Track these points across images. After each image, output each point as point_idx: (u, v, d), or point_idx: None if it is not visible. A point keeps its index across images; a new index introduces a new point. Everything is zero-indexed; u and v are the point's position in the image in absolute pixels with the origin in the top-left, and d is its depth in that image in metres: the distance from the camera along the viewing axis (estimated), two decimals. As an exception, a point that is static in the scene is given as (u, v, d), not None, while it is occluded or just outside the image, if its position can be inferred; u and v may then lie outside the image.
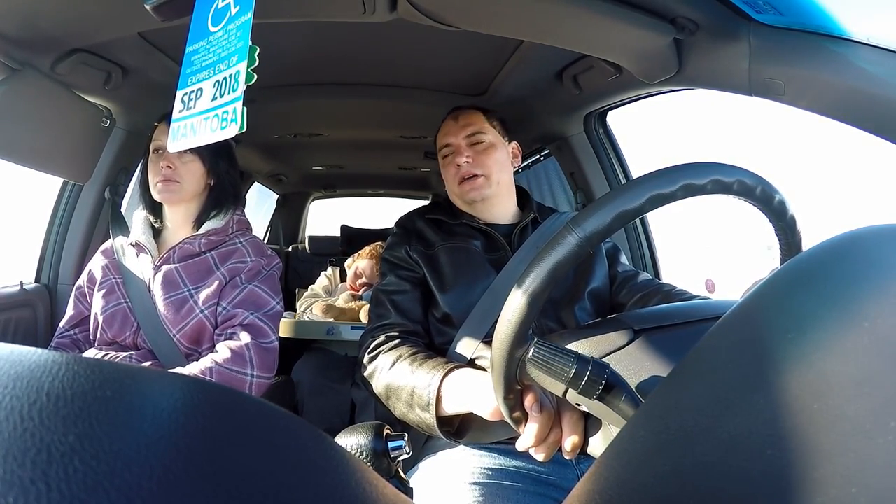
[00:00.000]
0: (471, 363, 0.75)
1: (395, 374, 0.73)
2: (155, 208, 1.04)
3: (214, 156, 1.01)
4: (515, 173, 1.01)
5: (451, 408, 0.64)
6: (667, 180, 0.39)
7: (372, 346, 0.81)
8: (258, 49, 0.52)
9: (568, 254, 0.39)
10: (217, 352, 0.90)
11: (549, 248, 0.40)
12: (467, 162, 0.89)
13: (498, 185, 0.92)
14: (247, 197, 2.40)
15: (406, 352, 0.76)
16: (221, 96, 0.54)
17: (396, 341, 0.80)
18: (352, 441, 0.45)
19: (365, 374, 0.80)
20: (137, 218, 1.05)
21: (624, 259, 0.97)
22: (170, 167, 0.96)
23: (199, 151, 0.98)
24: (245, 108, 0.51)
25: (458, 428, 0.69)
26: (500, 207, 0.95)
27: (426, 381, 0.66)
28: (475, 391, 0.60)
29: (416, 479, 0.75)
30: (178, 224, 1.02)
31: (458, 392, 0.64)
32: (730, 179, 0.41)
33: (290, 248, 2.65)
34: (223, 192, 1.04)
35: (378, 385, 0.76)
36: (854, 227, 0.25)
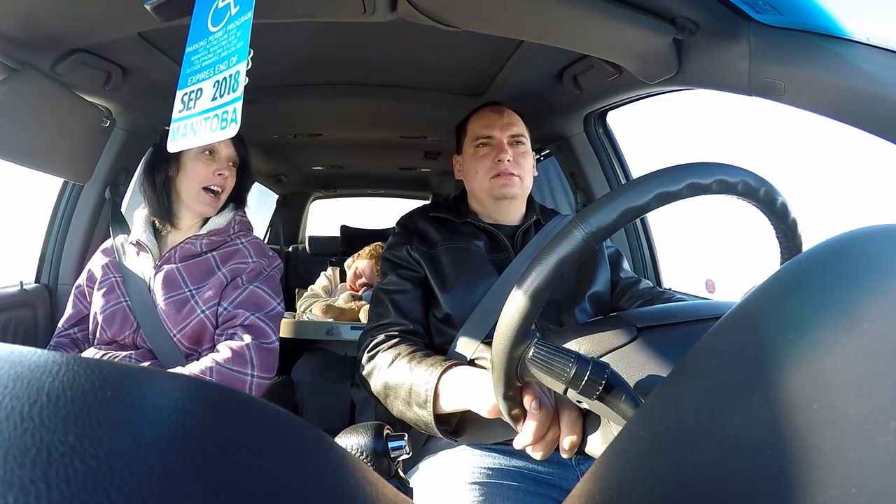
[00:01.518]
0: (470, 363, 0.75)
1: (393, 371, 0.73)
2: (169, 211, 1.00)
3: (246, 165, 1.03)
4: None
5: (448, 405, 0.64)
6: (673, 179, 0.40)
7: (371, 345, 0.81)
8: (251, 52, 0.52)
9: (573, 249, 0.39)
10: (218, 351, 0.90)
11: (554, 244, 0.40)
12: (510, 161, 0.90)
13: (526, 189, 0.94)
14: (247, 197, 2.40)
15: (405, 350, 0.76)
16: (221, 96, 0.54)
17: (395, 340, 0.80)
18: (352, 441, 0.45)
19: (364, 372, 0.80)
20: (138, 217, 1.05)
21: (626, 265, 0.97)
22: (221, 174, 0.97)
23: (242, 159, 1.01)
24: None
25: (456, 426, 0.69)
26: (514, 210, 0.95)
27: (424, 378, 0.66)
28: (473, 388, 0.60)
29: (416, 479, 0.75)
30: (187, 226, 1.02)
31: (455, 389, 0.64)
32: (734, 180, 0.41)
33: (290, 249, 2.65)
34: (233, 195, 1.04)
35: (376, 383, 0.76)
36: (854, 227, 0.25)
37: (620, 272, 0.94)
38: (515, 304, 0.40)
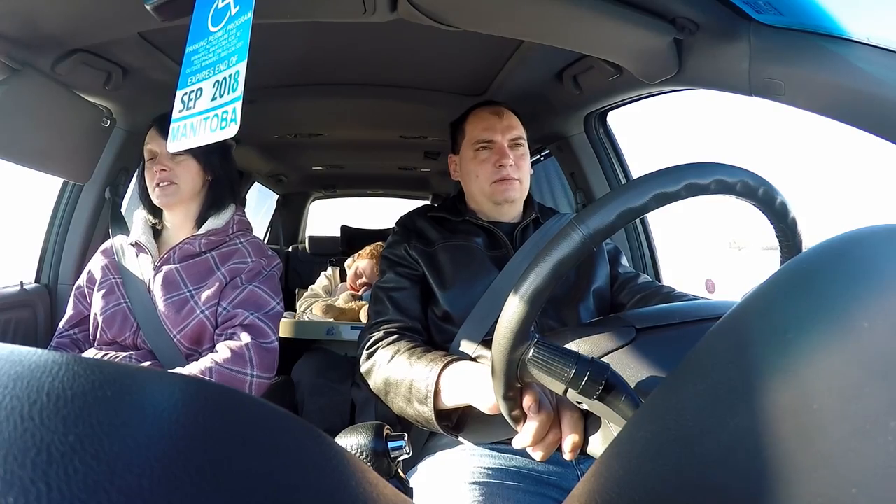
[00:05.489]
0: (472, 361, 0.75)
1: (392, 368, 0.73)
2: (155, 210, 1.04)
3: (208, 153, 1.00)
4: None
5: (449, 400, 0.64)
6: (671, 179, 0.39)
7: (370, 342, 0.81)
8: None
9: (571, 251, 0.39)
10: (217, 352, 0.90)
11: (552, 246, 0.40)
12: (512, 165, 0.89)
13: (525, 190, 0.94)
14: (247, 197, 2.40)
15: (404, 346, 0.76)
16: (221, 96, 0.54)
17: (394, 336, 0.80)
18: (352, 441, 0.45)
19: (363, 370, 0.80)
20: (137, 218, 1.05)
21: (625, 260, 0.97)
22: (164, 169, 0.96)
23: (192, 149, 0.98)
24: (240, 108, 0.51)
25: (457, 422, 0.69)
26: (513, 211, 0.95)
27: (424, 373, 0.66)
28: (474, 384, 0.60)
29: (416, 479, 0.75)
30: (179, 224, 1.02)
31: (456, 384, 0.64)
32: (733, 180, 0.41)
33: (290, 249, 2.65)
34: (221, 189, 1.03)
35: (376, 380, 0.76)
36: (854, 227, 0.25)
37: (619, 267, 0.94)
38: (514, 307, 0.40)
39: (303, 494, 0.17)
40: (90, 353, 0.96)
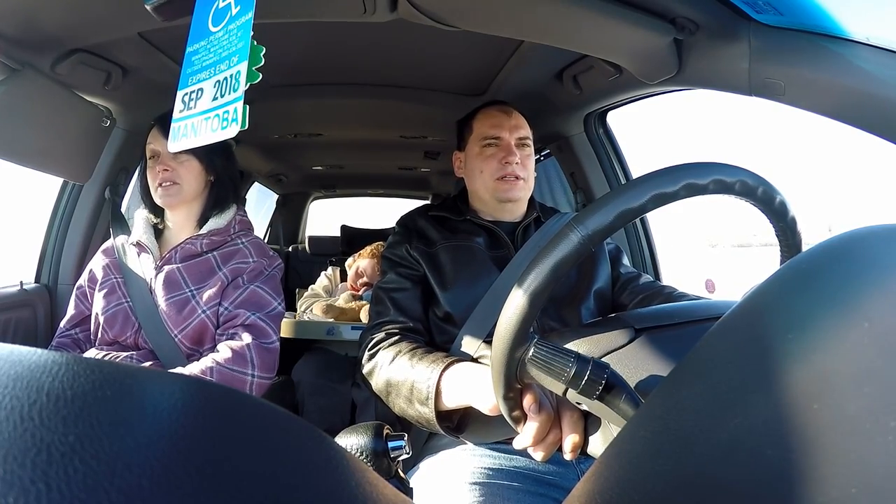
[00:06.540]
0: (474, 362, 0.75)
1: (394, 369, 0.73)
2: (157, 210, 1.04)
3: (210, 153, 1.00)
4: None
5: (450, 401, 0.64)
6: (669, 180, 0.39)
7: (371, 343, 0.81)
8: (264, 49, 0.52)
9: (570, 252, 0.39)
10: (218, 352, 0.90)
11: (551, 247, 0.40)
12: (517, 163, 0.89)
13: (529, 191, 0.94)
14: (247, 197, 2.40)
15: (406, 347, 0.76)
16: (222, 96, 0.54)
17: (396, 338, 0.80)
18: (352, 441, 0.45)
19: (365, 371, 0.80)
20: (139, 217, 1.05)
21: (626, 260, 0.97)
22: (167, 170, 0.96)
23: (194, 149, 0.98)
24: (247, 107, 0.51)
25: (458, 423, 0.69)
26: (516, 210, 0.95)
27: (426, 374, 0.66)
28: (475, 385, 0.60)
29: (416, 479, 0.75)
30: (181, 224, 1.02)
31: (457, 386, 0.64)
32: (731, 180, 0.41)
33: (290, 249, 2.65)
34: (223, 189, 1.03)
35: (378, 381, 0.76)
36: (854, 227, 0.25)
37: (620, 267, 0.94)
38: (513, 307, 0.40)
39: (303, 494, 0.17)
40: (91, 353, 0.96)
